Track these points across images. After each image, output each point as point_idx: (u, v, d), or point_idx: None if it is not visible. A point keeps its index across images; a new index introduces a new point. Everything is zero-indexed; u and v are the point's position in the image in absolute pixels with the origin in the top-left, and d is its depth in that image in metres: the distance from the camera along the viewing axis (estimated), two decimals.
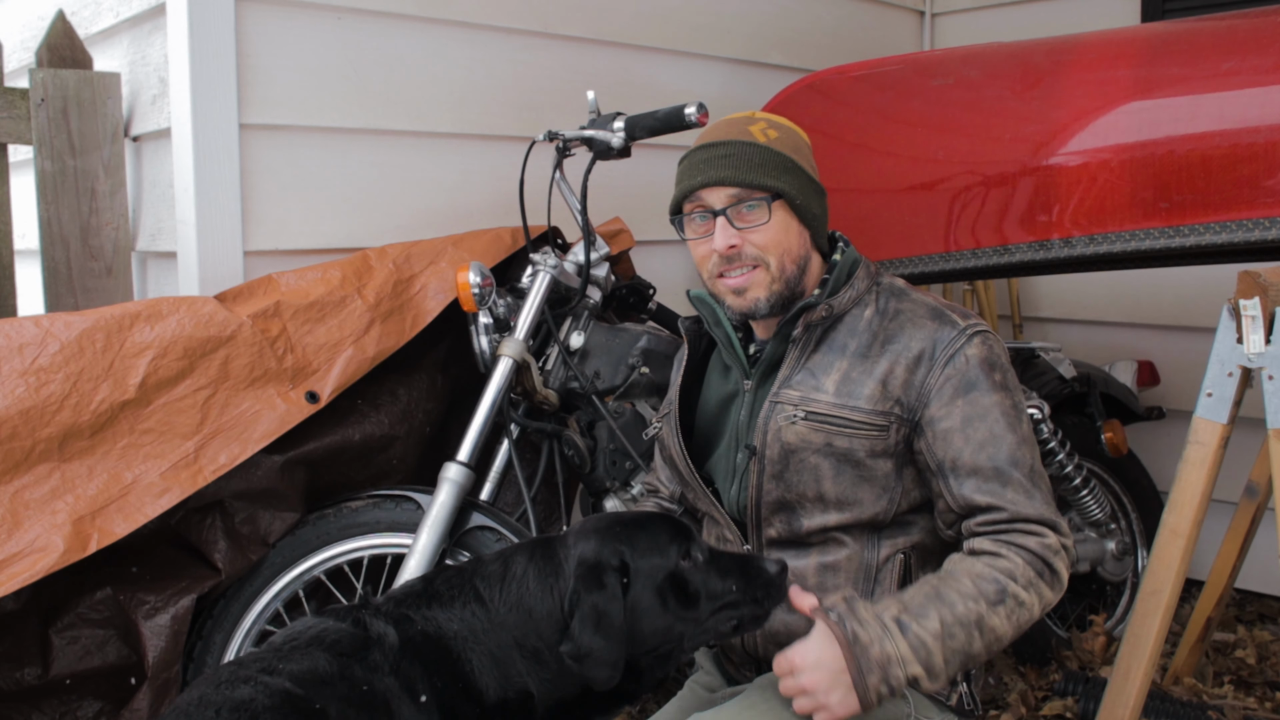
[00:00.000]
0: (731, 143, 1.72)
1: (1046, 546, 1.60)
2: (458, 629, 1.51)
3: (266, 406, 2.07)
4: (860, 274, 1.78)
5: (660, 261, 3.07)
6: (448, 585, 1.56)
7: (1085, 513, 2.99)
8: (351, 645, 1.45)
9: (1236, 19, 2.45)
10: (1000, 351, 1.72)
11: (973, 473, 1.64)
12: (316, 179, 2.46)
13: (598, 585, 1.50)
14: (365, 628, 1.48)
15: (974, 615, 1.53)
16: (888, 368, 1.69)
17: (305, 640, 1.46)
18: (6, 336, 1.93)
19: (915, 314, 1.73)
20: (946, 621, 1.52)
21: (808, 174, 1.75)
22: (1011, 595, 1.56)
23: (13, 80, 2.90)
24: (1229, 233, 2.19)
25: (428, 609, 1.52)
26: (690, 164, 1.76)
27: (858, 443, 1.69)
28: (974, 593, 1.55)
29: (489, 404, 2.17)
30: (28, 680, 2.03)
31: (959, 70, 2.67)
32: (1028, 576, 1.58)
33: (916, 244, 2.59)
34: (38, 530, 1.85)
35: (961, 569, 1.59)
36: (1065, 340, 3.58)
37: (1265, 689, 2.78)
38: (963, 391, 1.66)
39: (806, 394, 1.72)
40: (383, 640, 1.47)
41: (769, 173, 1.71)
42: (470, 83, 2.69)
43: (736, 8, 3.27)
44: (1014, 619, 1.56)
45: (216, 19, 2.28)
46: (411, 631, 1.49)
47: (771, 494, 1.74)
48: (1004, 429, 1.65)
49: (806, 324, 1.73)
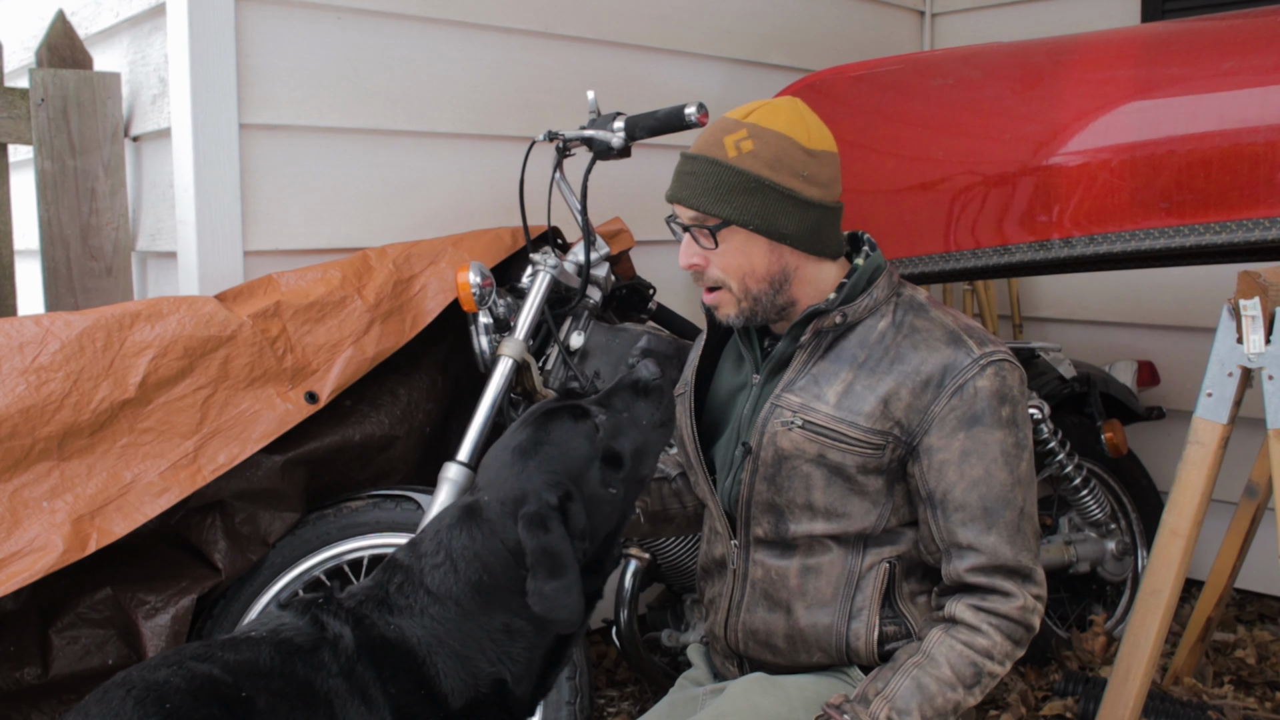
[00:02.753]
0: (699, 159, 1.69)
1: (1024, 610, 1.63)
2: (420, 635, 1.48)
3: (266, 406, 2.07)
4: (881, 282, 1.73)
5: (660, 261, 3.07)
6: (399, 590, 1.52)
7: (1085, 513, 2.99)
8: (302, 642, 1.44)
9: (1236, 19, 2.45)
10: (1014, 383, 1.68)
11: (960, 508, 1.64)
12: (317, 179, 2.46)
13: (541, 529, 1.48)
14: (322, 627, 1.47)
15: (952, 703, 1.61)
16: (893, 387, 1.66)
17: (259, 634, 1.45)
18: (7, 335, 1.93)
19: (930, 335, 1.68)
20: (926, 714, 1.60)
21: (780, 190, 1.65)
22: (988, 674, 1.63)
23: (13, 80, 2.90)
24: (1229, 233, 2.19)
25: (390, 614, 1.50)
26: (674, 170, 1.75)
27: (850, 458, 1.67)
28: (952, 679, 1.61)
29: (489, 404, 2.17)
30: (28, 680, 2.03)
31: (959, 70, 2.67)
32: (1005, 650, 1.63)
33: (916, 244, 2.59)
34: (37, 529, 1.85)
35: (941, 652, 1.63)
36: (1065, 340, 3.57)
37: (1265, 689, 2.78)
38: (966, 425, 1.64)
39: (807, 401, 1.70)
40: (338, 640, 1.45)
41: (722, 197, 1.65)
42: (470, 83, 2.69)
43: (736, 8, 3.27)
44: (985, 689, 1.64)
45: (216, 19, 2.28)
46: (372, 634, 1.47)
47: (762, 495, 1.73)
48: (1000, 468, 1.64)
49: (817, 330, 1.71)
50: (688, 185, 1.69)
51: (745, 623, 1.78)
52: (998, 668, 1.63)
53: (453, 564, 1.52)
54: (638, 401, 1.65)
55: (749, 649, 1.80)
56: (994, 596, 1.63)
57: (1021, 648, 1.65)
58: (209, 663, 1.38)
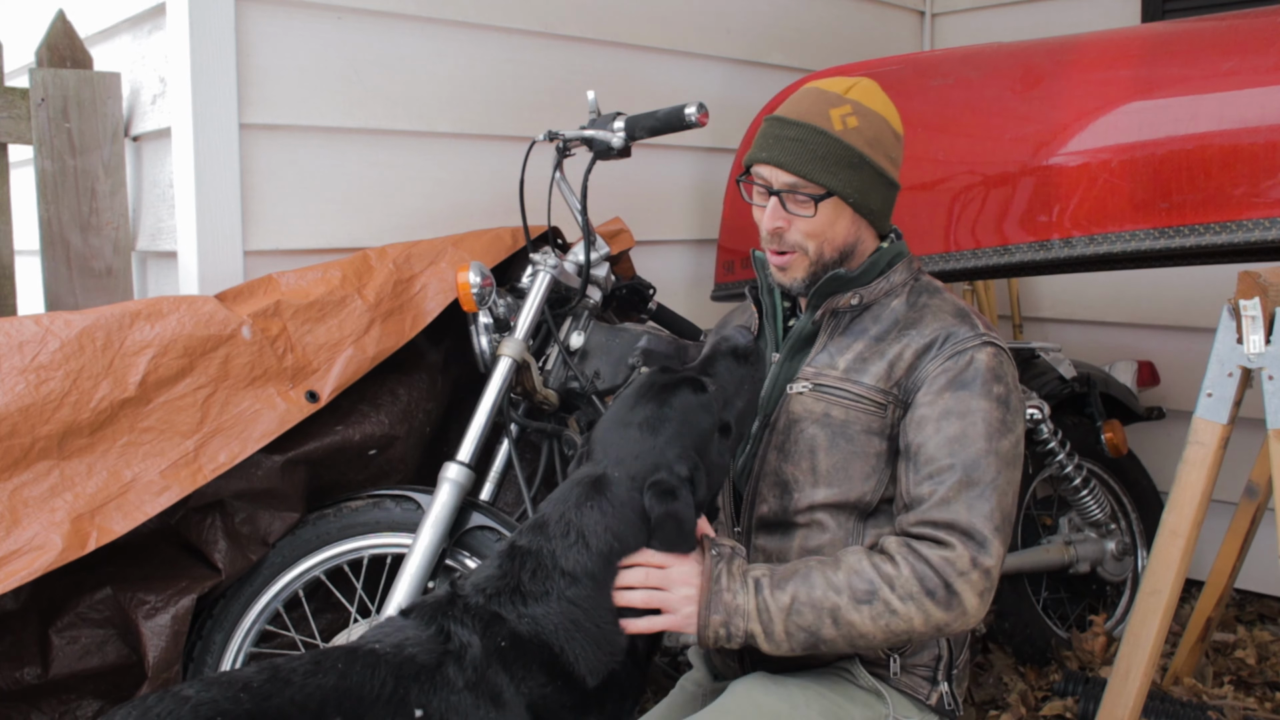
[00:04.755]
0: (804, 125, 1.72)
1: (950, 564, 1.57)
2: (557, 621, 1.47)
3: (266, 405, 2.07)
4: (899, 267, 1.79)
5: (660, 261, 3.07)
6: (534, 578, 1.50)
7: (1085, 513, 2.99)
8: (426, 661, 1.40)
9: (1236, 19, 2.45)
10: (1010, 371, 1.70)
11: (929, 462, 1.63)
12: (317, 179, 2.46)
13: (670, 498, 1.53)
14: (448, 638, 1.43)
15: (830, 604, 1.57)
16: (898, 352, 1.71)
17: (383, 650, 1.40)
18: (6, 334, 1.93)
19: (940, 309, 1.74)
20: (799, 599, 1.57)
21: (876, 168, 1.73)
22: (883, 600, 1.56)
23: (13, 80, 2.90)
24: (1229, 233, 2.19)
25: (524, 604, 1.47)
26: (764, 133, 1.77)
27: (854, 415, 1.70)
28: (843, 584, 1.57)
29: (489, 404, 2.16)
30: (28, 680, 2.03)
31: (959, 70, 2.67)
32: (909, 589, 1.56)
33: (917, 244, 2.59)
34: (36, 528, 1.85)
35: (847, 560, 1.61)
36: (1065, 340, 3.58)
37: (1265, 689, 2.78)
38: (954, 387, 1.66)
39: (820, 370, 1.75)
40: (464, 652, 1.42)
41: (829, 168, 1.70)
42: (470, 83, 2.69)
43: (737, 8, 3.27)
44: (881, 623, 1.57)
45: (216, 19, 2.28)
46: (502, 636, 1.44)
47: (771, 464, 1.76)
48: (979, 435, 1.62)
49: (833, 310, 1.76)
50: (791, 151, 1.71)
51: None
52: (896, 602, 1.56)
53: (585, 542, 1.52)
54: (738, 368, 1.69)
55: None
56: (926, 543, 1.59)
57: (934, 601, 1.56)
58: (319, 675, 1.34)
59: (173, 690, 1.31)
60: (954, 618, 1.57)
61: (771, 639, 1.58)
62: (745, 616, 1.57)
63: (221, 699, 1.29)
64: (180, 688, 1.31)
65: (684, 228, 3.18)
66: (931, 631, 1.59)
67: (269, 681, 1.33)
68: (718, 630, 1.57)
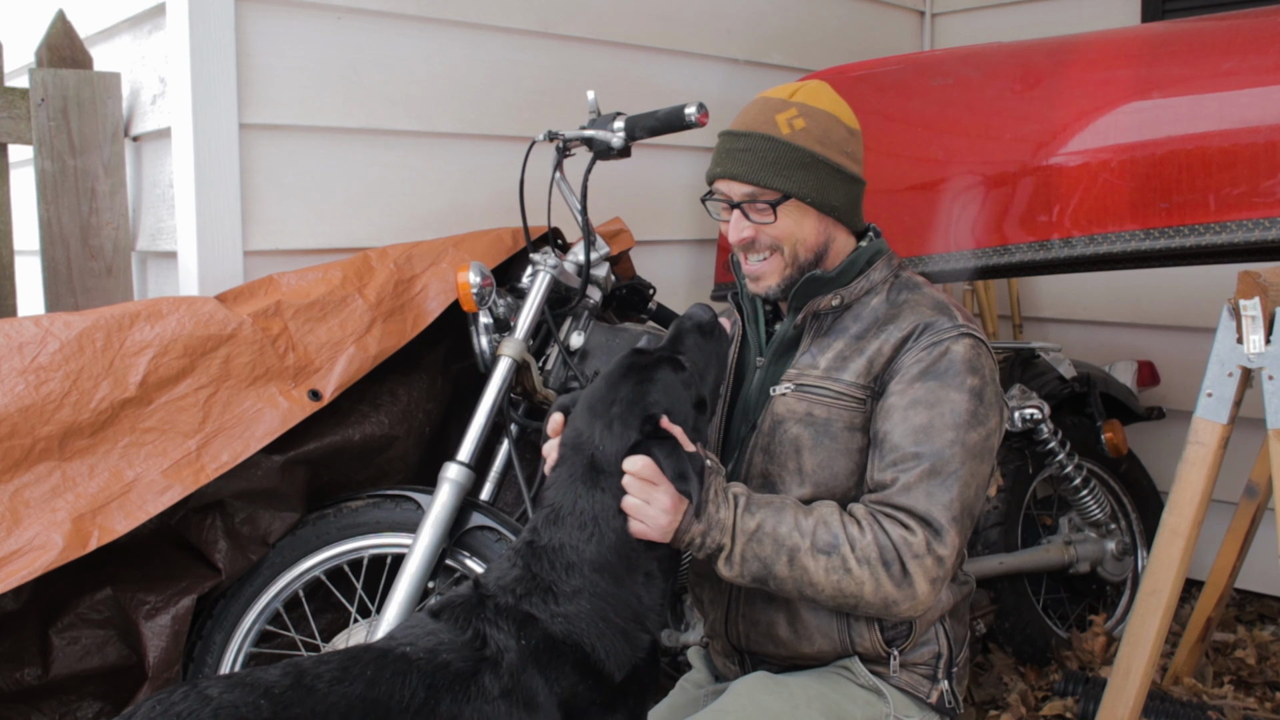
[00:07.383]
0: (752, 135, 1.75)
1: (908, 544, 1.58)
2: (589, 618, 1.48)
3: (268, 404, 2.07)
4: (879, 264, 1.79)
5: (660, 261, 3.07)
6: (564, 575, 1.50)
7: (1085, 513, 2.99)
8: (462, 668, 1.38)
9: (1236, 19, 2.45)
10: (987, 363, 1.70)
11: (894, 449, 1.64)
12: (317, 179, 2.46)
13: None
14: (484, 642, 1.42)
15: (791, 543, 1.58)
16: (878, 347, 1.72)
17: (416, 655, 1.39)
18: (6, 335, 1.93)
19: (918, 304, 1.74)
20: (764, 529, 1.59)
21: (830, 165, 1.74)
22: (841, 556, 1.58)
23: (13, 80, 2.90)
24: (1229, 233, 2.19)
25: (557, 603, 1.48)
26: (718, 149, 1.80)
27: (835, 412, 1.71)
28: (809, 530, 1.59)
29: (489, 404, 2.17)
30: (28, 681, 2.03)
31: (959, 70, 2.67)
32: (867, 555, 1.58)
33: (917, 244, 2.59)
34: (37, 528, 1.85)
35: (820, 510, 1.63)
36: (1065, 340, 3.58)
37: (1265, 689, 2.78)
38: (926, 377, 1.66)
39: (802, 370, 1.76)
40: (500, 658, 1.40)
41: (780, 172, 1.72)
42: (470, 83, 2.69)
43: (737, 8, 3.27)
44: (833, 578, 1.58)
45: (216, 19, 2.28)
46: (538, 637, 1.44)
47: (758, 466, 1.77)
48: (947, 426, 1.62)
49: (814, 312, 1.76)
50: (743, 161, 1.73)
51: (746, 615, 1.79)
52: (853, 562, 1.57)
53: (600, 532, 1.53)
54: (705, 343, 1.71)
55: (751, 642, 1.80)
56: (890, 520, 1.60)
57: (888, 574, 1.57)
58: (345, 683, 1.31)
59: (199, 686, 1.29)
60: (904, 597, 1.58)
61: (730, 560, 1.60)
62: (721, 530, 1.59)
63: (243, 703, 1.27)
64: (205, 685, 1.29)
65: (684, 228, 3.18)
66: (879, 605, 1.59)
67: (293, 688, 1.30)
68: (695, 538, 1.58)
